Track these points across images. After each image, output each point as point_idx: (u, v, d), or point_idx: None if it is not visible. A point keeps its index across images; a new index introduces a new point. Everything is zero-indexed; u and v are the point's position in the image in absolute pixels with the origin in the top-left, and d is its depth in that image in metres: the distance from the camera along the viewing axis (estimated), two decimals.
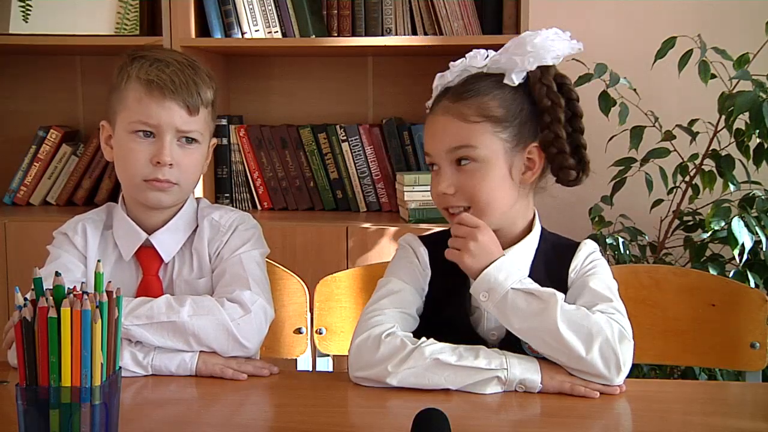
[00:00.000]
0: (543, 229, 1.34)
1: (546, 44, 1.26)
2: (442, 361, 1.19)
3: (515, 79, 1.26)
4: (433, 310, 1.33)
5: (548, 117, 1.26)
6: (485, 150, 1.25)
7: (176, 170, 1.36)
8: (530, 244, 1.31)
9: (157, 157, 1.34)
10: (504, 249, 1.28)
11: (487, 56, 1.31)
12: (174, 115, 1.34)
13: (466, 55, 1.31)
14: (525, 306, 1.20)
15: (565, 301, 1.27)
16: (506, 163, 1.26)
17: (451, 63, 1.32)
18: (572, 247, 1.33)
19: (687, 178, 2.17)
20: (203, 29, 2.35)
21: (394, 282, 1.33)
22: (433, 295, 1.33)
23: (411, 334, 1.25)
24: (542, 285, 1.26)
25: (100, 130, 1.42)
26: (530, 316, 1.19)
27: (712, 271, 1.97)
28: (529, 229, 1.32)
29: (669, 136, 2.14)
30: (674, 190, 2.20)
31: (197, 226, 1.43)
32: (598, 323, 1.18)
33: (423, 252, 1.35)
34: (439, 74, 1.34)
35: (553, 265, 1.31)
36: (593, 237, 2.10)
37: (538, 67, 1.27)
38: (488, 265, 1.22)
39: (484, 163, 1.26)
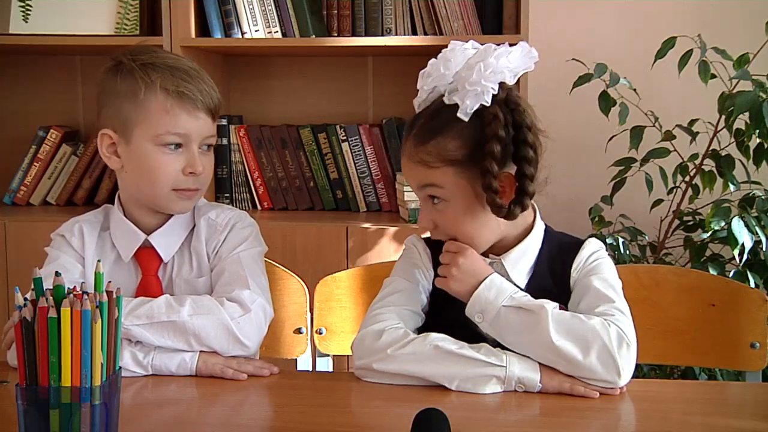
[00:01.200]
0: (547, 228, 1.34)
1: (480, 81, 1.19)
2: (442, 349, 1.19)
3: (464, 117, 1.21)
4: (436, 310, 1.34)
5: (486, 148, 1.20)
6: (451, 189, 1.24)
7: (202, 177, 1.38)
8: (531, 244, 1.31)
9: (190, 168, 1.35)
10: (504, 253, 1.29)
11: (465, 47, 1.26)
12: (203, 125, 1.36)
13: (440, 58, 1.26)
14: (517, 322, 1.20)
15: (568, 301, 1.27)
16: (476, 196, 1.24)
17: (432, 63, 1.27)
18: (576, 245, 1.32)
19: (687, 178, 2.17)
20: (203, 29, 2.35)
21: (399, 281, 1.34)
22: (436, 294, 1.34)
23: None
24: (545, 284, 1.26)
25: (100, 138, 1.39)
26: (523, 331, 1.20)
27: (712, 271, 1.97)
28: (529, 229, 1.32)
29: (669, 136, 2.14)
30: (674, 190, 2.20)
31: (194, 225, 1.43)
32: (594, 329, 1.18)
33: (426, 253, 1.36)
34: (421, 73, 1.28)
35: (556, 264, 1.31)
36: (593, 237, 2.10)
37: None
38: (477, 286, 1.23)
39: (452, 201, 1.25)
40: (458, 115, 1.21)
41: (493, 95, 1.21)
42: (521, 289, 1.25)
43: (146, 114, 1.33)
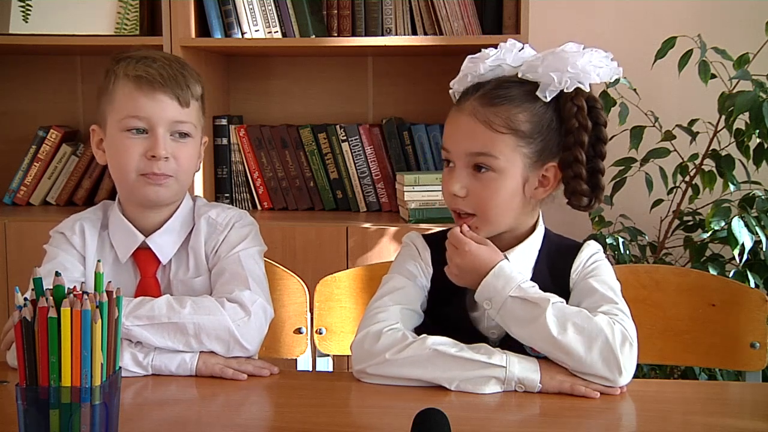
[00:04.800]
0: (547, 230, 1.34)
1: (588, 68, 1.23)
2: (441, 352, 1.19)
3: (548, 95, 1.24)
4: (434, 307, 1.33)
5: (572, 138, 1.24)
6: (505, 162, 1.24)
7: (172, 163, 1.35)
8: (533, 244, 1.31)
9: (152, 151, 1.34)
10: (507, 250, 1.29)
11: (522, 48, 1.29)
12: (166, 108, 1.35)
13: (500, 46, 1.29)
14: (521, 313, 1.20)
15: (568, 303, 1.27)
16: (522, 177, 1.25)
17: (485, 50, 1.29)
18: (575, 247, 1.33)
19: (687, 178, 2.17)
20: (203, 29, 2.35)
21: (397, 278, 1.33)
22: (435, 292, 1.34)
23: (413, 331, 1.26)
24: (545, 286, 1.26)
25: (91, 135, 1.42)
26: (527, 322, 1.20)
27: (712, 271, 1.97)
28: (532, 230, 1.32)
29: (669, 136, 2.14)
30: (674, 190, 2.20)
31: (194, 225, 1.43)
32: (598, 325, 1.18)
33: (426, 250, 1.36)
34: (470, 57, 1.30)
35: (555, 266, 1.31)
36: (593, 237, 2.10)
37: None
38: (486, 273, 1.23)
39: (501, 175, 1.24)
40: (542, 92, 1.24)
41: (576, 88, 1.24)
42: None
43: (113, 102, 1.36)
